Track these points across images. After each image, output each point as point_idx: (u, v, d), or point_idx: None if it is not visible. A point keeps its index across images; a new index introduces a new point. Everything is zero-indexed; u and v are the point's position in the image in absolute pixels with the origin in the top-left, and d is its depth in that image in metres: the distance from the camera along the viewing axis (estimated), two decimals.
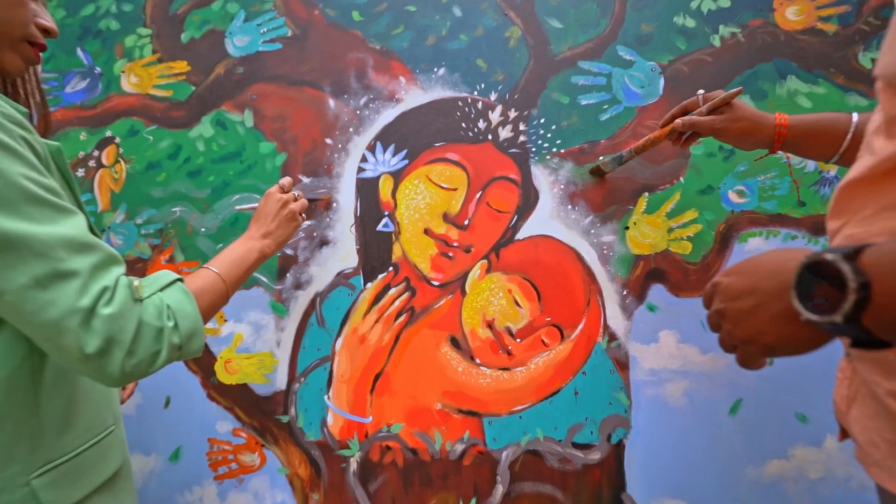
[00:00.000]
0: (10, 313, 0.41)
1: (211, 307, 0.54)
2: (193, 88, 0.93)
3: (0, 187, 0.39)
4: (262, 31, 0.93)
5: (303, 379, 0.84)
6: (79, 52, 0.97)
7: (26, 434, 0.46)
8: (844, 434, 0.43)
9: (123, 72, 0.95)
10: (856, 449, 0.40)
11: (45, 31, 0.51)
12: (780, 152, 0.63)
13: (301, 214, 0.71)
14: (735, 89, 0.63)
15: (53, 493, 0.47)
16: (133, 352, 0.43)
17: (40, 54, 0.51)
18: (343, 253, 0.86)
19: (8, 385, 0.45)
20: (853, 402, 0.41)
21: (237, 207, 0.85)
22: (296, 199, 0.71)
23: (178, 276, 0.51)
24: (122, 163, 0.93)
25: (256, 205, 0.69)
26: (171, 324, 0.46)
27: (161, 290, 0.48)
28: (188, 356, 0.49)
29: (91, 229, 0.49)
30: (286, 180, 0.71)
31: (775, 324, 0.34)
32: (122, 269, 0.46)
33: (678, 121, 0.65)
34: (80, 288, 0.41)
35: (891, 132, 0.34)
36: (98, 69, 0.96)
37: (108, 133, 0.94)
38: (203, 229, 0.89)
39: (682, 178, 0.82)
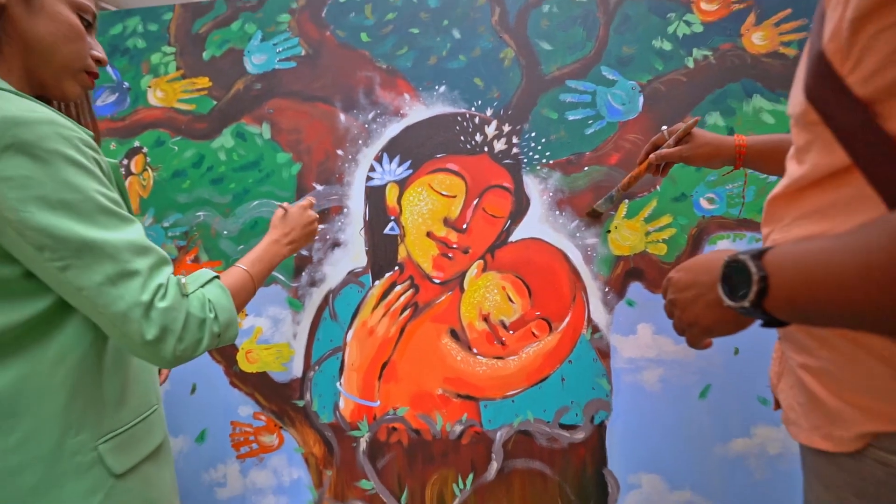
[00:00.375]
0: (85, 305, 0.49)
1: (242, 301, 0.63)
2: (215, 102, 1.01)
3: (79, 201, 0.48)
4: (277, 51, 1.01)
5: (317, 367, 0.93)
6: (108, 68, 1.05)
7: (93, 407, 0.55)
8: (778, 404, 0.52)
9: (150, 87, 1.03)
10: (782, 413, 0.49)
11: (98, 61, 0.60)
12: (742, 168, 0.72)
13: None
14: (692, 120, 0.72)
15: (114, 458, 0.56)
16: (182, 338, 0.52)
17: (94, 81, 0.60)
18: (353, 254, 0.95)
19: (79, 366, 0.54)
20: (781, 376, 0.50)
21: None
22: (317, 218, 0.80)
23: (216, 274, 0.60)
24: (150, 171, 1.01)
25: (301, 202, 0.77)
26: (212, 315, 0.55)
27: (202, 286, 0.57)
28: (225, 343, 0.58)
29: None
30: (311, 201, 0.79)
31: (710, 309, 0.43)
32: (171, 268, 0.54)
33: (652, 156, 0.74)
34: (142, 285, 0.50)
35: (800, 159, 0.43)
36: (126, 84, 1.04)
37: (137, 143, 1.02)
38: (225, 232, 0.98)
39: (658, 187, 0.91)
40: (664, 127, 0.77)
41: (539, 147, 0.93)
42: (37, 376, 0.51)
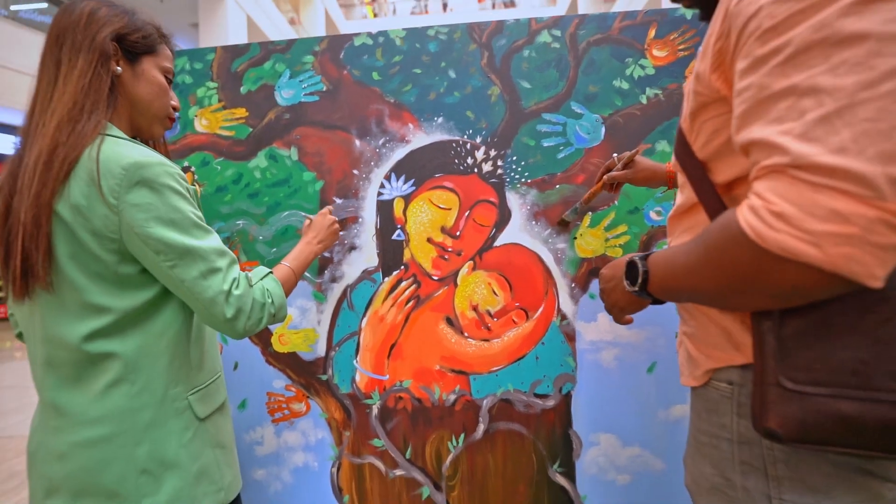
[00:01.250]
0: (185, 293, 0.70)
1: (289, 288, 0.83)
2: (251, 129, 1.22)
3: (181, 219, 0.68)
4: (303, 87, 1.21)
5: (337, 348, 1.13)
6: None
7: (184, 368, 0.76)
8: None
9: (196, 116, 1.23)
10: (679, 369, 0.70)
11: (174, 108, 0.81)
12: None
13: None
14: (635, 150, 0.92)
15: (199, 406, 0.76)
16: (250, 317, 0.72)
17: (172, 123, 0.81)
18: (367, 255, 1.15)
19: (175, 338, 0.74)
20: (681, 345, 0.70)
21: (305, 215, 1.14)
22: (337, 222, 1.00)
23: (270, 270, 0.80)
24: (197, 186, 1.22)
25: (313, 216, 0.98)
26: (269, 300, 0.76)
27: (261, 279, 0.77)
28: (278, 321, 0.79)
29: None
30: (329, 208, 1.00)
31: (621, 294, 0.63)
32: (238, 265, 0.75)
33: (606, 177, 0.95)
34: (223, 278, 0.70)
35: (680, 192, 0.63)
36: (177, 114, 1.24)
37: (186, 163, 1.22)
38: (260, 237, 1.18)
39: (616, 202, 1.11)
40: (615, 154, 0.97)
41: (519, 168, 1.14)
42: (148, 344, 0.72)
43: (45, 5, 7.91)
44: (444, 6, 19.21)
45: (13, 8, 6.64)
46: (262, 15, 11.89)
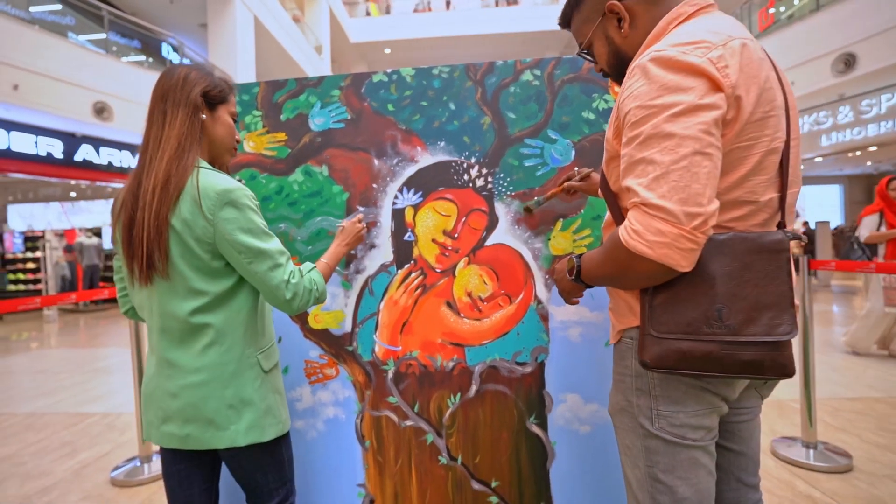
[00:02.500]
0: (257, 282, 0.98)
1: (327, 278, 1.11)
2: (289, 150, 1.50)
3: (255, 228, 0.97)
4: (331, 115, 1.50)
5: (360, 325, 1.43)
6: None
7: (254, 335, 1.05)
8: None
9: (245, 139, 1.52)
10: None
11: (237, 141, 1.09)
12: None
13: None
14: (591, 169, 1.21)
15: (264, 362, 1.05)
16: (302, 299, 1.01)
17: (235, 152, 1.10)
18: (384, 252, 1.44)
19: (248, 313, 1.03)
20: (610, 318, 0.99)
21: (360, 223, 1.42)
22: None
23: (314, 265, 1.09)
24: None
25: (345, 222, 1.26)
26: (315, 287, 1.04)
27: (309, 271, 1.06)
28: (320, 302, 1.07)
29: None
30: (360, 217, 1.28)
31: (566, 282, 0.92)
32: (292, 261, 1.03)
33: (566, 185, 1.23)
34: (284, 271, 0.99)
35: (608, 210, 0.92)
36: None
37: (238, 178, 1.51)
38: (298, 238, 1.47)
39: (582, 211, 1.40)
40: (576, 168, 1.26)
41: (505, 184, 1.42)
42: (231, 317, 1.01)
43: (59, 6, 8.17)
44: (448, 3, 19.35)
45: (31, 10, 6.91)
46: (269, 16, 12.13)
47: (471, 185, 1.43)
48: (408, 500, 1.38)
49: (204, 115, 1.02)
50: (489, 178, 1.43)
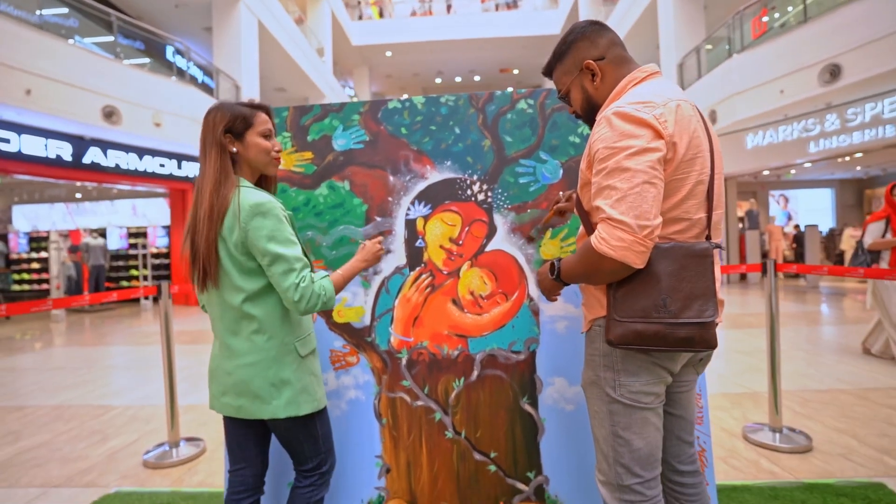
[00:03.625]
0: (274, 282, 1.17)
1: (339, 287, 1.27)
2: (316, 167, 1.73)
3: (278, 235, 1.18)
4: (352, 137, 1.73)
5: (378, 319, 1.66)
6: None
7: (291, 325, 1.26)
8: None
9: None
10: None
11: (277, 150, 1.31)
12: None
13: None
14: (573, 190, 1.44)
15: (300, 349, 1.27)
16: (309, 301, 1.19)
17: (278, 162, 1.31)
18: (398, 257, 1.67)
19: (285, 307, 1.26)
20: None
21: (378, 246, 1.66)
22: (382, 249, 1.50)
23: (327, 274, 1.29)
24: None
25: (366, 242, 1.48)
26: (323, 293, 1.23)
27: (321, 279, 1.25)
28: (328, 307, 1.21)
29: (303, 251, 1.29)
30: (380, 239, 1.50)
31: (548, 282, 1.15)
32: (309, 268, 1.23)
33: (555, 207, 1.47)
34: (296, 275, 1.18)
35: (584, 224, 1.15)
36: None
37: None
38: (324, 244, 1.70)
39: (569, 221, 1.63)
40: (560, 192, 1.49)
41: (502, 198, 1.66)
42: (270, 311, 1.23)
43: (65, 10, 8.37)
44: (449, 7, 19.59)
45: (40, 13, 7.10)
46: (273, 19, 12.35)
47: (473, 199, 1.66)
48: (419, 469, 1.61)
49: (235, 148, 1.22)
50: (489, 193, 1.66)
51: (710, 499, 1.17)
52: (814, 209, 15.68)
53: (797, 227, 11.85)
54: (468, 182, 1.67)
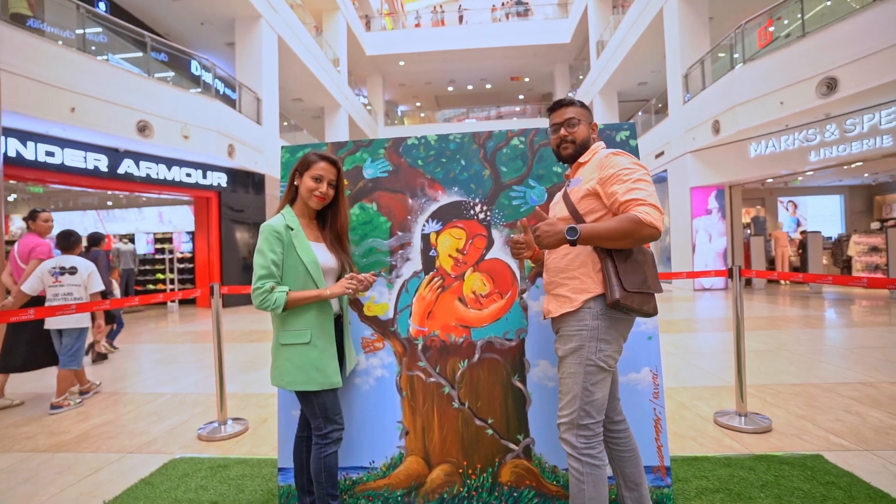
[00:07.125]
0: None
1: (291, 304, 1.67)
2: (349, 192, 2.16)
3: (261, 248, 1.66)
4: (379, 167, 2.15)
5: (399, 313, 2.08)
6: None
7: (286, 322, 1.71)
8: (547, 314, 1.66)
9: None
10: (546, 314, 1.62)
11: (321, 192, 1.74)
12: None
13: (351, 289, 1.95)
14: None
15: (295, 340, 1.71)
16: (262, 304, 1.60)
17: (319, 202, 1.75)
18: (415, 264, 2.09)
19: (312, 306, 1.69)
20: (554, 301, 1.62)
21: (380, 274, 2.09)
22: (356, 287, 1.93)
23: (287, 290, 1.68)
24: None
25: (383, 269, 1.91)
26: (271, 302, 1.60)
27: (280, 292, 1.65)
28: (275, 310, 1.65)
29: (308, 269, 1.71)
30: (374, 278, 1.93)
31: (556, 241, 1.50)
32: (272, 279, 1.64)
33: (512, 245, 1.87)
34: (258, 281, 1.62)
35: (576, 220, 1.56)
36: None
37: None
38: (356, 252, 2.11)
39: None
40: (512, 236, 1.90)
41: (499, 217, 2.07)
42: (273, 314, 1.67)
43: (99, 29, 9.00)
44: (461, 18, 20.10)
45: (79, 31, 7.71)
46: (291, 34, 12.94)
47: (475, 217, 2.08)
48: (431, 432, 2.02)
49: (296, 182, 1.72)
50: (488, 213, 2.07)
51: (635, 442, 1.59)
52: (823, 215, 15.77)
53: (804, 233, 12.03)
54: (471, 204, 2.08)
